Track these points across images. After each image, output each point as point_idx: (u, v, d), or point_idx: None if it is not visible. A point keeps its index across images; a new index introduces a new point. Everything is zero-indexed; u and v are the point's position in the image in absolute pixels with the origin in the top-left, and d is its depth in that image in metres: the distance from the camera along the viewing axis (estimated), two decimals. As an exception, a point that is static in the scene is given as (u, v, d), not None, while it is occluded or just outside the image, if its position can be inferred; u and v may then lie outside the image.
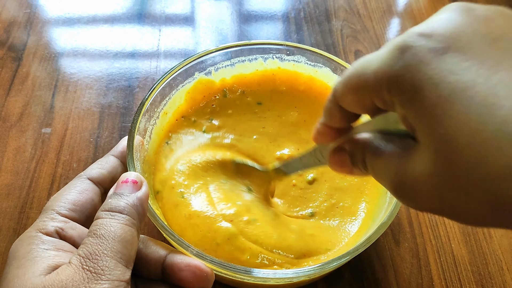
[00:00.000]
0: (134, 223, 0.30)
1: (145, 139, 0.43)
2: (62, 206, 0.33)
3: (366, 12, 0.66)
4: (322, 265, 0.35)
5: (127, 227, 0.29)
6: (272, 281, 0.37)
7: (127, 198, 0.31)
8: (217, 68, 0.49)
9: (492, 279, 0.45)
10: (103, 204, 0.31)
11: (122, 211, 0.30)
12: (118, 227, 0.29)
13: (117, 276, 0.27)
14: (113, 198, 0.31)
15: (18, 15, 0.64)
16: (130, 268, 0.29)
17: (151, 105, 0.44)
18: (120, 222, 0.29)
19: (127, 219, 0.30)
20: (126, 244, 0.29)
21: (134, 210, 0.30)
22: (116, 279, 0.27)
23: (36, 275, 0.27)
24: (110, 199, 0.31)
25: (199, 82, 0.49)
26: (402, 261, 0.45)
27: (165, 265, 0.32)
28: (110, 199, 0.31)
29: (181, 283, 0.32)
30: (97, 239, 0.28)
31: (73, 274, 0.27)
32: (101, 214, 0.30)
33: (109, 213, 0.30)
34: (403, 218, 0.48)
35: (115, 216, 0.30)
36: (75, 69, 0.59)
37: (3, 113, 0.54)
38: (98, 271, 0.27)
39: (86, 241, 0.29)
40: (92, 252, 0.28)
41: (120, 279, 0.27)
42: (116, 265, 0.27)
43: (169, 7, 0.66)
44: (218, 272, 0.37)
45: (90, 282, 0.26)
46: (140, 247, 0.32)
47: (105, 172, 0.36)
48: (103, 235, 0.28)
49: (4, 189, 0.48)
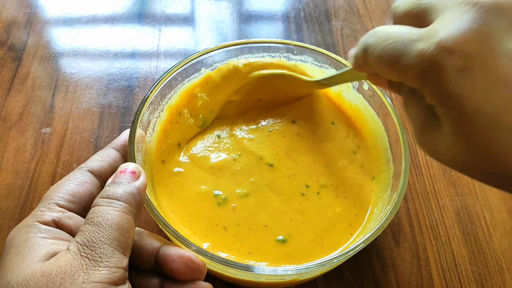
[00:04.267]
0: (131, 210, 0.30)
1: (148, 132, 0.43)
2: (61, 197, 0.33)
3: (366, 12, 0.66)
4: (321, 262, 0.35)
5: (124, 215, 0.30)
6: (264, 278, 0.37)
7: (125, 186, 0.31)
8: (223, 64, 0.49)
9: (492, 279, 0.45)
10: (101, 192, 0.31)
11: (119, 199, 0.30)
12: (115, 214, 0.29)
13: (115, 263, 0.28)
14: (111, 186, 0.31)
15: (18, 15, 0.64)
16: (127, 255, 0.29)
17: (155, 97, 0.44)
18: (117, 209, 0.30)
19: (124, 206, 0.30)
20: (123, 232, 0.29)
21: (131, 198, 0.31)
22: (113, 266, 0.28)
23: (34, 261, 0.28)
24: (108, 187, 0.31)
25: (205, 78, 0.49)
26: (402, 261, 0.45)
27: (158, 257, 0.32)
28: (108, 187, 0.31)
29: (173, 274, 0.32)
30: (94, 226, 0.29)
31: (72, 261, 0.27)
32: (99, 201, 0.30)
33: (107, 200, 0.30)
34: (403, 218, 0.48)
35: (112, 204, 0.30)
36: (75, 69, 0.59)
37: (3, 113, 0.54)
38: (96, 258, 0.27)
39: (83, 228, 0.29)
40: (90, 239, 0.28)
41: (117, 266, 0.28)
42: (113, 252, 0.28)
43: (169, 7, 0.66)
44: (216, 268, 0.37)
45: (89, 269, 0.27)
46: (135, 238, 0.33)
47: (106, 164, 0.37)
48: (100, 223, 0.29)
49: (4, 189, 0.48)
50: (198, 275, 0.32)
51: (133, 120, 0.41)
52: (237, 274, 0.37)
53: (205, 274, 0.33)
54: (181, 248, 0.33)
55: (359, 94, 0.48)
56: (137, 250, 0.33)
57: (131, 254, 0.31)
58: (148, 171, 0.42)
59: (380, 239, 0.46)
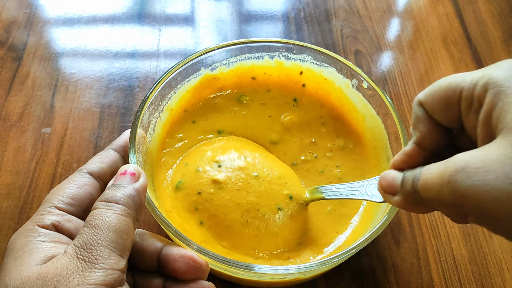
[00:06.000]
0: (130, 213, 0.30)
1: (148, 132, 0.43)
2: (60, 200, 0.33)
3: (366, 12, 0.67)
4: (322, 261, 0.35)
5: (122, 217, 0.30)
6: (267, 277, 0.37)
7: (124, 189, 0.31)
8: (223, 64, 0.49)
9: (492, 279, 0.45)
10: (101, 196, 0.31)
11: (118, 201, 0.30)
12: (113, 217, 0.29)
13: (111, 265, 0.28)
14: (110, 189, 0.31)
15: (18, 15, 0.64)
16: (125, 258, 0.29)
17: (155, 98, 0.44)
18: (116, 212, 0.30)
19: (123, 209, 0.30)
20: (121, 234, 0.29)
21: (130, 201, 0.31)
22: (109, 267, 0.28)
23: (32, 265, 0.28)
24: (108, 190, 0.31)
25: (204, 78, 0.49)
26: (402, 261, 0.45)
27: (160, 257, 0.32)
28: (107, 190, 0.31)
29: (176, 274, 0.32)
30: (92, 229, 0.29)
31: (68, 263, 0.27)
32: (98, 205, 0.30)
33: (105, 204, 0.30)
34: (403, 218, 0.48)
35: (111, 207, 0.30)
36: (75, 69, 0.59)
37: (3, 113, 0.54)
38: (92, 260, 0.27)
39: (81, 231, 0.29)
40: (87, 242, 0.28)
41: (114, 268, 0.28)
42: (110, 254, 0.28)
43: (169, 7, 0.66)
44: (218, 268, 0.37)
45: (84, 271, 0.27)
46: (137, 239, 0.33)
47: (106, 166, 0.37)
48: (98, 225, 0.29)
49: (4, 189, 0.48)
50: (201, 275, 0.32)
51: (133, 120, 0.41)
52: (240, 273, 0.37)
53: (207, 273, 0.33)
54: (183, 248, 0.33)
55: (358, 93, 0.48)
56: (140, 250, 0.33)
57: (133, 255, 0.31)
58: (148, 172, 0.42)
59: (380, 239, 0.46)
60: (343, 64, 0.47)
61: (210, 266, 0.35)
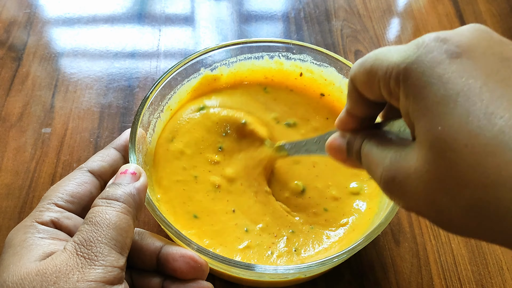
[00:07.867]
0: (130, 211, 0.30)
1: (148, 133, 0.43)
2: (60, 197, 0.33)
3: (366, 12, 0.66)
4: (322, 261, 0.35)
5: (122, 215, 0.30)
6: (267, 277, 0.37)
7: (125, 187, 0.31)
8: (223, 64, 0.49)
9: (492, 279, 0.45)
10: (101, 193, 0.31)
11: (118, 199, 0.30)
12: (113, 214, 0.29)
13: (111, 262, 0.28)
14: (110, 187, 0.32)
15: (18, 15, 0.64)
16: (125, 255, 0.29)
17: (155, 98, 0.44)
18: (116, 209, 0.30)
19: (123, 206, 0.30)
20: (121, 231, 0.29)
21: (130, 199, 0.31)
22: (109, 264, 0.28)
23: (31, 261, 0.28)
24: (108, 188, 0.31)
25: (204, 78, 0.49)
26: (402, 261, 0.45)
27: (160, 256, 0.32)
28: (108, 188, 0.32)
29: (175, 274, 0.32)
30: (92, 226, 0.29)
31: (67, 260, 0.27)
32: (98, 202, 0.30)
33: (105, 201, 0.30)
34: (403, 218, 0.48)
35: (111, 204, 0.30)
36: (75, 69, 0.59)
37: (3, 113, 0.54)
38: (92, 257, 0.27)
39: (81, 228, 0.29)
40: (87, 238, 0.28)
41: (113, 265, 0.28)
42: (110, 251, 0.28)
43: (169, 7, 0.66)
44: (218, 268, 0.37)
45: (84, 267, 0.27)
46: (136, 239, 0.33)
47: (106, 165, 0.37)
48: (98, 222, 0.29)
49: (4, 189, 0.48)
50: (201, 275, 0.32)
51: (133, 121, 0.41)
52: (240, 273, 0.37)
53: (207, 273, 0.33)
54: (183, 247, 0.33)
55: None
56: (139, 250, 0.33)
57: (132, 254, 0.31)
58: (149, 172, 0.42)
59: (380, 239, 0.46)
60: (343, 64, 0.47)
61: (210, 266, 0.35)
